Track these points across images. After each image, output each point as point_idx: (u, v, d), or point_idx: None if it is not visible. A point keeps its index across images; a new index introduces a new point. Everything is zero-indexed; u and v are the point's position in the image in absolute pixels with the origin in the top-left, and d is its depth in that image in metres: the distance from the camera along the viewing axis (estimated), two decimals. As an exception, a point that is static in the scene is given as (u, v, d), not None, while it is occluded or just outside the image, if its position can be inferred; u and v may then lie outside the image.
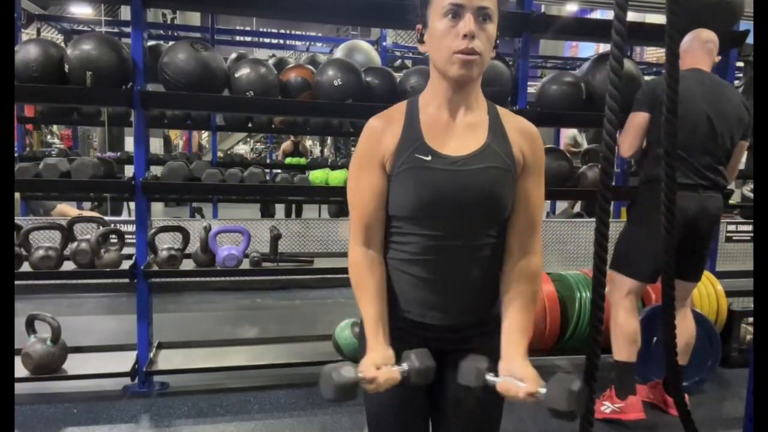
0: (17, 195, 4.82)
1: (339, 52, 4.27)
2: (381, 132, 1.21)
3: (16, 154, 4.96)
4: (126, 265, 2.84)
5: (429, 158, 1.17)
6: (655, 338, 2.88)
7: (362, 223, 1.22)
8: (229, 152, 10.72)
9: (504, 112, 1.25)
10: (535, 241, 1.25)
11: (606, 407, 2.63)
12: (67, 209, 5.01)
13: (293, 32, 8.15)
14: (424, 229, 1.19)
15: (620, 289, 2.61)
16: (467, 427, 1.29)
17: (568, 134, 7.45)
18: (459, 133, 1.20)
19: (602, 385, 2.28)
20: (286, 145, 8.02)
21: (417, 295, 1.23)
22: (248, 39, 9.04)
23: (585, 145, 7.25)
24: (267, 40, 8.47)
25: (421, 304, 1.23)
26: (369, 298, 1.21)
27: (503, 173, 1.19)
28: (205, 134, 9.29)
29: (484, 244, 1.21)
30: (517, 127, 1.24)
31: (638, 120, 2.55)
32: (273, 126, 6.55)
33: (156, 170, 3.21)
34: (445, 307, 1.23)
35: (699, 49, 2.63)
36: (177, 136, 11.17)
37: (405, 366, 1.11)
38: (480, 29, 1.12)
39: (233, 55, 4.64)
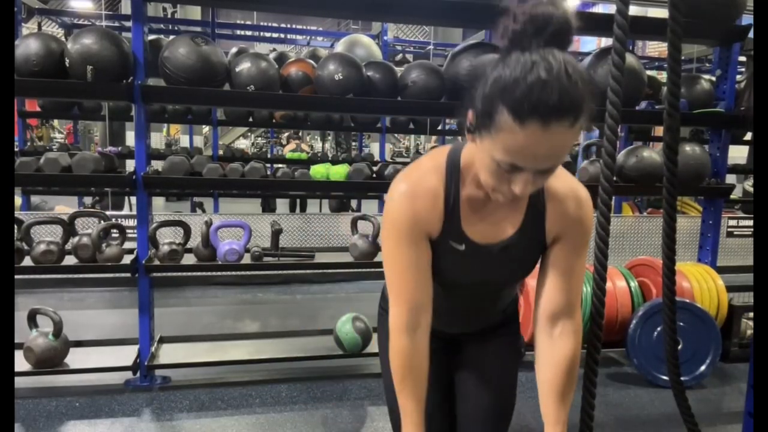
0: (18, 189, 4.83)
1: (340, 47, 4.27)
2: (426, 213, 1.08)
3: (17, 149, 4.97)
4: (127, 259, 2.84)
5: (462, 247, 1.12)
6: (655, 333, 2.90)
7: (409, 306, 1.09)
8: (230, 145, 10.72)
9: (549, 185, 1.09)
10: (576, 305, 1.18)
11: None
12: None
13: (294, 26, 8.15)
14: (449, 292, 1.21)
15: None
16: (488, 392, 1.35)
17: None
18: (496, 214, 1.12)
19: (600, 380, 2.27)
20: (289, 148, 8.12)
21: (440, 319, 1.21)
22: (249, 33, 9.02)
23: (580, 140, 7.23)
24: (268, 35, 8.46)
25: (444, 324, 1.28)
26: (411, 393, 1.13)
27: (533, 253, 1.17)
28: (205, 129, 9.27)
29: (505, 290, 1.29)
30: (560, 207, 1.11)
31: None
32: (274, 121, 6.56)
33: (157, 165, 3.21)
34: (466, 326, 1.34)
35: None
36: (178, 131, 11.16)
37: None
38: (534, 182, 0.96)
39: (234, 50, 4.65)
